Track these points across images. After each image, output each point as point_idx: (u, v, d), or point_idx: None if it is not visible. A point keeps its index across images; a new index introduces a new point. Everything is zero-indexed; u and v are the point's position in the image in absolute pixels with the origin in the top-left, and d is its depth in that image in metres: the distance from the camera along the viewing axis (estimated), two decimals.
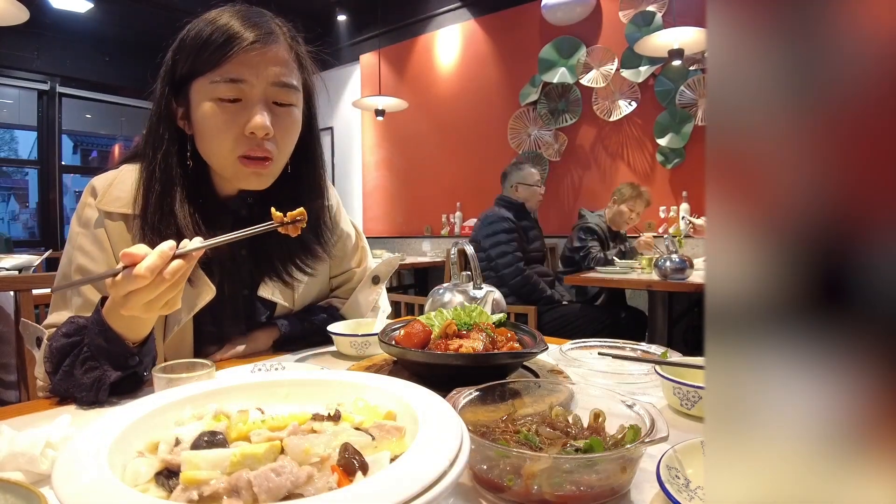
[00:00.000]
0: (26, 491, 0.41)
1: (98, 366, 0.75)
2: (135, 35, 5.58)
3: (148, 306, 0.68)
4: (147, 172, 0.86)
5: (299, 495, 0.36)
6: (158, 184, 0.85)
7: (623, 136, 4.07)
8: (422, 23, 5.23)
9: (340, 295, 1.18)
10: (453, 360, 0.72)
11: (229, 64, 0.80)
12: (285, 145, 0.88)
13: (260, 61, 0.81)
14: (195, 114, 0.84)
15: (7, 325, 1.57)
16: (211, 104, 0.82)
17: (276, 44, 0.84)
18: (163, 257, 0.65)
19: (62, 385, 0.77)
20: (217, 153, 0.86)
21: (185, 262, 0.67)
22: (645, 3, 3.88)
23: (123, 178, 0.90)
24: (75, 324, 0.79)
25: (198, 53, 0.81)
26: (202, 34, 0.81)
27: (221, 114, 0.82)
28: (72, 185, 7.01)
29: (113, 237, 0.88)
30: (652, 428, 0.50)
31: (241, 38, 0.80)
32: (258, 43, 0.81)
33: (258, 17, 0.85)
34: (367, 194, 5.74)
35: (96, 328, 0.75)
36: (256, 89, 0.82)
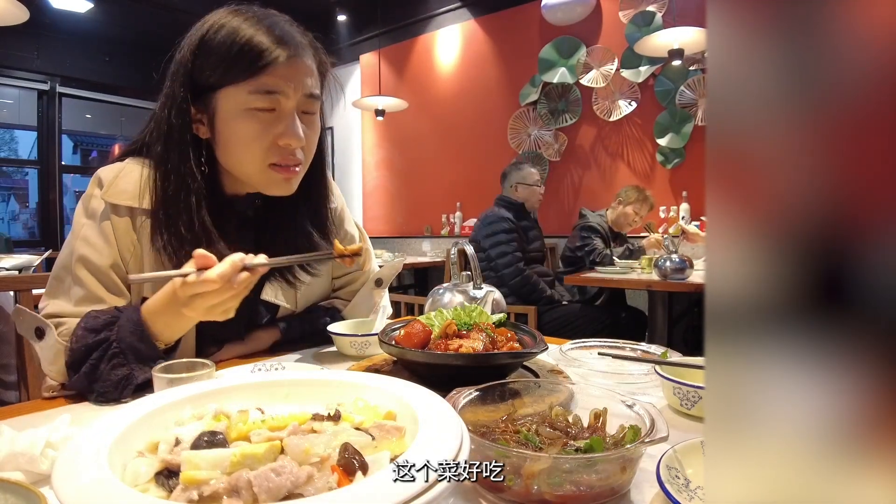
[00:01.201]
0: (26, 491, 0.41)
1: (126, 363, 0.75)
2: (135, 35, 5.59)
3: (209, 310, 0.73)
4: (161, 174, 0.86)
5: (299, 495, 0.36)
6: (173, 186, 0.85)
7: (623, 136, 4.06)
8: (422, 23, 5.23)
9: (343, 296, 1.18)
10: (453, 360, 0.72)
11: (266, 76, 0.80)
12: (310, 153, 0.91)
13: (295, 73, 0.83)
14: (222, 122, 0.84)
15: (7, 325, 1.57)
16: (244, 113, 0.82)
17: (306, 56, 0.85)
18: (234, 267, 0.71)
19: (84, 380, 0.76)
20: (247, 161, 0.86)
21: (250, 275, 0.73)
22: (645, 3, 3.87)
23: (129, 171, 0.90)
24: (100, 319, 0.79)
25: (230, 64, 0.81)
26: (232, 45, 0.80)
27: (255, 124, 0.82)
28: (72, 185, 7.01)
29: (118, 231, 0.88)
30: (652, 428, 0.50)
31: (277, 51, 0.81)
32: (296, 58, 0.82)
33: (287, 24, 0.85)
34: (367, 194, 5.74)
35: (131, 326, 0.76)
36: (291, 101, 0.83)
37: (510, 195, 3.08)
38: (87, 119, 7.85)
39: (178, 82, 0.84)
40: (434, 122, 5.13)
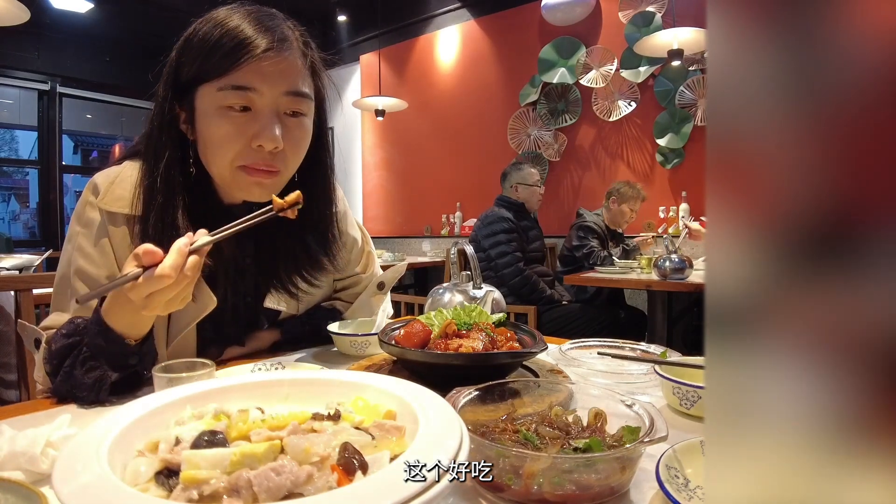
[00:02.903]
0: (27, 490, 0.41)
1: (98, 366, 0.75)
2: (135, 35, 5.58)
3: (168, 304, 0.69)
4: (148, 179, 0.83)
5: (299, 495, 0.36)
6: (160, 193, 0.82)
7: (623, 136, 4.07)
8: (422, 23, 5.23)
9: (344, 298, 1.17)
10: (453, 360, 0.72)
11: (239, 71, 0.76)
12: (294, 157, 0.85)
13: (272, 70, 0.77)
14: (199, 120, 0.81)
15: (7, 325, 1.57)
16: (217, 112, 0.78)
17: (289, 51, 0.80)
18: (182, 254, 0.66)
19: (63, 386, 0.77)
20: (218, 163, 0.82)
21: (199, 258, 0.68)
22: (645, 3, 3.88)
23: (125, 177, 0.87)
24: (74, 324, 0.79)
25: (205, 57, 0.77)
26: (211, 37, 0.77)
27: (228, 123, 0.78)
28: (72, 185, 7.01)
29: (115, 241, 0.86)
30: (651, 427, 0.50)
31: (252, 44, 0.76)
32: (271, 51, 0.77)
33: (270, 19, 0.80)
34: (367, 194, 5.74)
35: (95, 328, 0.75)
36: (267, 99, 0.78)
37: (510, 195, 3.09)
38: (88, 119, 7.85)
39: (163, 80, 0.82)
40: (434, 122, 5.13)
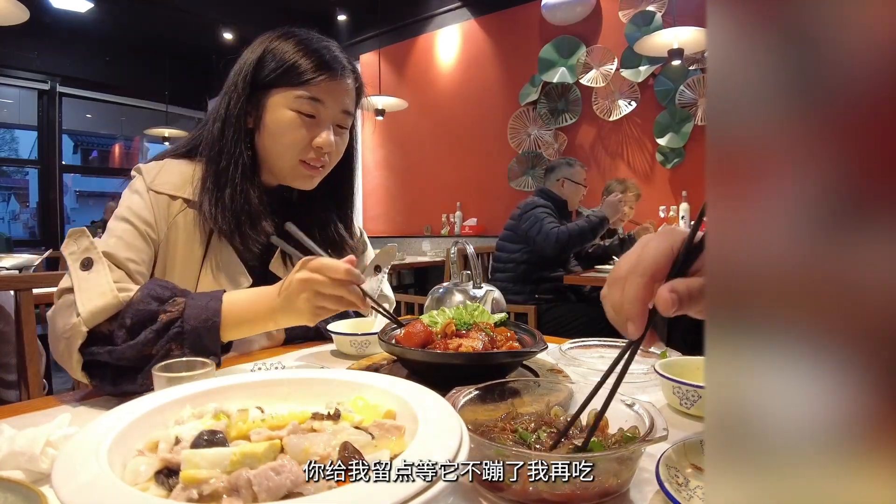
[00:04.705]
0: (26, 490, 0.41)
1: (179, 348, 0.74)
2: (135, 35, 5.58)
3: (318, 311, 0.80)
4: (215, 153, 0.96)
5: (299, 494, 0.36)
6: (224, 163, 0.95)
7: (623, 135, 4.07)
8: (422, 23, 5.23)
9: None
10: (453, 360, 0.72)
11: (316, 87, 0.94)
12: (335, 159, 1.04)
13: (338, 90, 0.97)
14: (270, 116, 0.96)
15: (8, 325, 1.57)
16: (291, 113, 0.95)
17: (350, 78, 1.00)
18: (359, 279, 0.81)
19: (129, 352, 0.73)
20: (284, 154, 0.97)
21: (360, 298, 0.81)
22: (645, 2, 3.87)
23: (170, 168, 0.99)
24: (168, 289, 0.80)
25: (289, 68, 0.94)
26: (293, 54, 0.95)
27: (299, 124, 0.95)
28: (72, 184, 7.02)
29: (157, 208, 0.94)
30: (651, 427, 0.50)
31: (331, 68, 0.95)
32: (342, 77, 0.97)
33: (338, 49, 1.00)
34: (367, 194, 5.74)
35: (204, 315, 0.76)
36: (330, 112, 0.97)
37: (554, 189, 2.97)
38: (88, 119, 7.85)
39: (241, 77, 0.97)
40: (434, 121, 5.13)
